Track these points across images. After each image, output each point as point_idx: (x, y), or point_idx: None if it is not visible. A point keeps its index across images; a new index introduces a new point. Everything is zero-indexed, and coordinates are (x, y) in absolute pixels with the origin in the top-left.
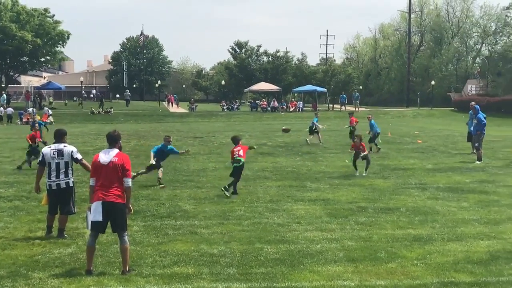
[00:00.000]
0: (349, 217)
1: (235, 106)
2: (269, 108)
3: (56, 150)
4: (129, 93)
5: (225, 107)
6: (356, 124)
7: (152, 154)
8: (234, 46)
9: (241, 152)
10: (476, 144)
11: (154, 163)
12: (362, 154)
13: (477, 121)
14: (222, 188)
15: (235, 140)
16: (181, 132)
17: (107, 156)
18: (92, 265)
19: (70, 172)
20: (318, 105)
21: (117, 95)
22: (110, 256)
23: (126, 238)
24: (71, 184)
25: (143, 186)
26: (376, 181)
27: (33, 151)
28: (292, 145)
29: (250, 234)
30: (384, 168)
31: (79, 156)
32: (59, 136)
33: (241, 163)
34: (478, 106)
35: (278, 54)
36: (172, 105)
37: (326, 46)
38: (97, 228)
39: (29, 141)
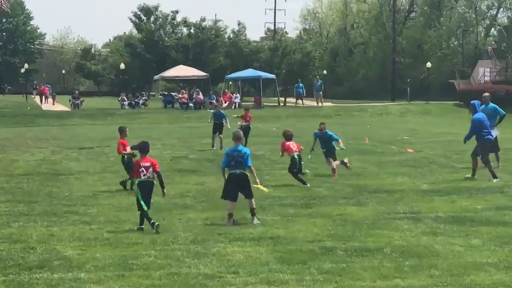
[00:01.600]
0: (309, 262)
1: (141, 101)
2: (191, 104)
3: None
4: None
5: (125, 103)
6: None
7: None
8: (138, 12)
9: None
10: (480, 156)
11: None
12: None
13: (472, 123)
14: None
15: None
16: (60, 141)
17: None
18: None
19: None
20: (264, 99)
21: None
22: None
23: None
24: None
25: (3, 223)
26: (348, 209)
27: None
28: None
29: None
30: (359, 190)
31: None
32: None
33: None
34: (476, 102)
35: (203, 24)
36: (45, 100)
37: (275, 12)
38: None
39: None
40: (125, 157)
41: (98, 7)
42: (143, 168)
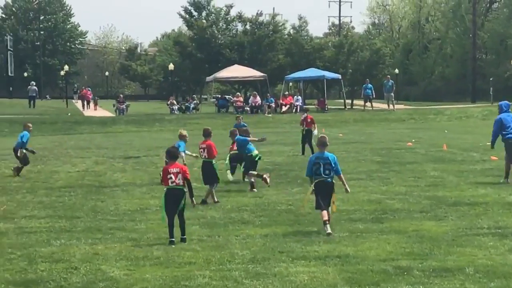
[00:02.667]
0: (382, 284)
1: (192, 106)
2: (247, 108)
3: None
4: (35, 87)
5: (175, 107)
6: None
7: None
8: (189, 8)
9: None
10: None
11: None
12: None
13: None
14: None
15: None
16: (103, 150)
17: None
18: None
19: None
20: (328, 102)
21: None
22: None
23: None
24: None
25: (43, 240)
26: (424, 224)
27: None
28: (287, 167)
29: None
30: (437, 202)
31: None
32: None
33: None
34: (504, 103)
35: (260, 19)
36: (88, 105)
37: (340, 5)
38: None
39: None
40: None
41: (144, 2)
42: (171, 175)
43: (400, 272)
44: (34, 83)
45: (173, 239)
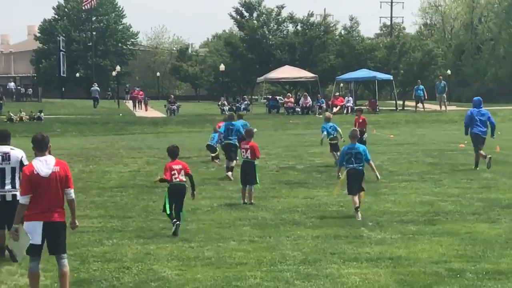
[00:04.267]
0: (435, 286)
1: (243, 106)
2: (298, 109)
3: (1, 154)
4: (97, 88)
5: (226, 108)
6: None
7: None
8: (240, 8)
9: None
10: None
11: None
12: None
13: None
14: None
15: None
16: (155, 150)
17: (46, 166)
18: None
19: (17, 181)
20: (379, 103)
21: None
22: None
23: (66, 261)
24: (18, 198)
25: (96, 240)
26: (477, 226)
27: None
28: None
29: None
30: (490, 204)
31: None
32: (4, 137)
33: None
34: (477, 99)
35: (311, 20)
36: (139, 105)
37: (391, 6)
38: (35, 252)
39: None
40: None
41: (195, 3)
42: (175, 171)
43: (453, 274)
44: (96, 84)
45: (176, 220)
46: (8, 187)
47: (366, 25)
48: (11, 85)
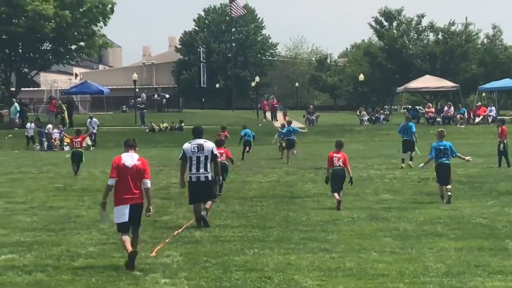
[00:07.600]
0: None
1: (382, 116)
2: (439, 118)
3: (196, 145)
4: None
5: (365, 118)
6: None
7: None
8: (379, 18)
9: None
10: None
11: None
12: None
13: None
14: None
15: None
16: (294, 161)
17: (131, 159)
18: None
19: (208, 166)
20: None
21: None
22: None
23: (139, 231)
24: (210, 178)
25: (237, 249)
26: None
27: None
28: (481, 179)
29: None
30: None
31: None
32: (198, 133)
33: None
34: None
35: (452, 28)
36: (275, 116)
37: None
38: (126, 228)
39: None
40: None
41: (334, 13)
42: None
43: None
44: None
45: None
46: (201, 170)
47: (510, 33)
48: (155, 96)
